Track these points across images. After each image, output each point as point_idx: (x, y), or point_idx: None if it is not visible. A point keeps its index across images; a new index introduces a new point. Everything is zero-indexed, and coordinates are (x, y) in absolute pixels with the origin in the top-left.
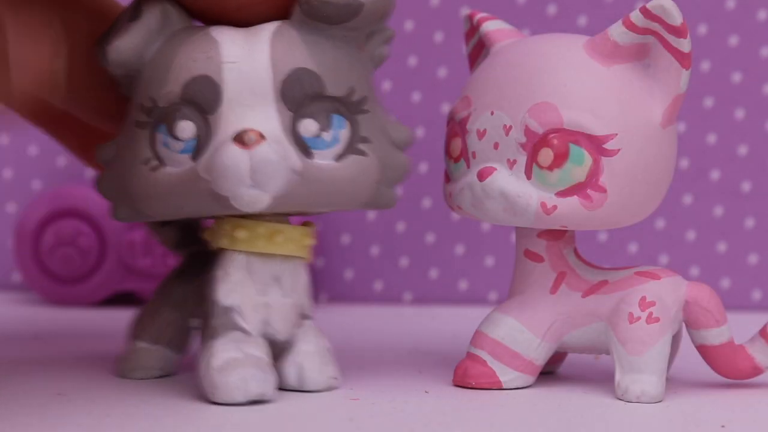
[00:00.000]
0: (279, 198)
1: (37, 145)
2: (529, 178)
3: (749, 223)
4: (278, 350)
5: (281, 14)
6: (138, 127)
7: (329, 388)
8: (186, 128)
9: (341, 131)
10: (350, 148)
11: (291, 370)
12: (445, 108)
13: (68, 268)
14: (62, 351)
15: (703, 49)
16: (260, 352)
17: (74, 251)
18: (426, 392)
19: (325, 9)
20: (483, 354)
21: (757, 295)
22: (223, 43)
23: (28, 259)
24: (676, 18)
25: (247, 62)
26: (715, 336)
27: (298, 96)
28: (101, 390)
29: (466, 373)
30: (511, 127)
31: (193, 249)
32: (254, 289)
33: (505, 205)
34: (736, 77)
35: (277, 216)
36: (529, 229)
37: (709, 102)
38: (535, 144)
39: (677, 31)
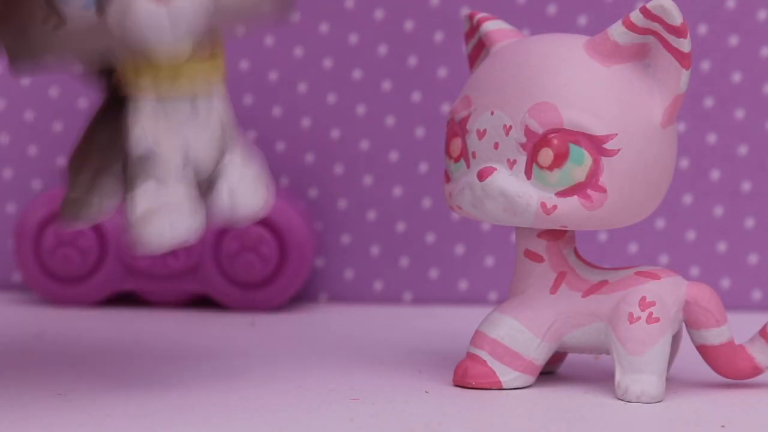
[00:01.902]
0: (197, 36)
1: (37, 145)
2: (529, 178)
3: (749, 223)
4: (206, 185)
5: None
6: None
7: (261, 209)
8: None
9: None
10: None
11: (220, 200)
12: (445, 108)
13: (68, 268)
14: (62, 351)
15: (703, 49)
16: (181, 193)
17: (74, 251)
18: (426, 392)
19: None
20: (483, 354)
21: (757, 295)
22: None
23: (28, 259)
24: (676, 18)
25: None
26: (715, 336)
27: None
28: (101, 390)
29: (466, 373)
30: (511, 127)
31: (112, 84)
32: (169, 129)
33: (505, 205)
34: (736, 77)
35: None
36: (529, 229)
37: (709, 102)
38: (535, 144)
39: (677, 31)
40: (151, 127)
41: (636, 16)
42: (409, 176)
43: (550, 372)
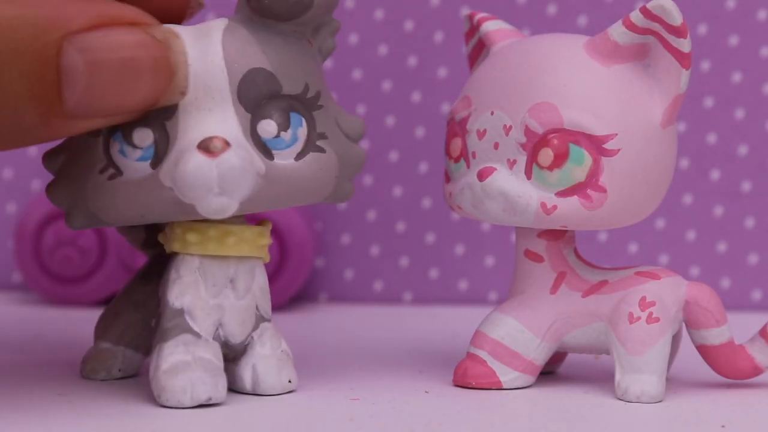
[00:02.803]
0: (245, 203)
1: (37, 145)
2: (529, 178)
3: (749, 223)
4: (234, 354)
5: None
6: (90, 134)
7: (284, 392)
8: (144, 136)
9: (299, 129)
10: (309, 146)
11: (246, 374)
12: (445, 108)
13: (68, 268)
14: (62, 351)
15: (703, 49)
16: (211, 355)
17: (74, 251)
18: (426, 392)
19: (275, 6)
20: (483, 354)
21: (757, 295)
22: None
23: (28, 259)
24: (676, 18)
25: (200, 64)
26: (715, 336)
27: (256, 97)
28: (101, 390)
29: (466, 373)
30: (511, 127)
31: (159, 249)
32: (206, 291)
33: (505, 205)
34: (736, 77)
35: (231, 217)
36: (529, 229)
37: (709, 102)
38: (535, 144)
39: (677, 31)
40: (191, 284)
41: (636, 16)
42: (409, 176)
43: (550, 372)
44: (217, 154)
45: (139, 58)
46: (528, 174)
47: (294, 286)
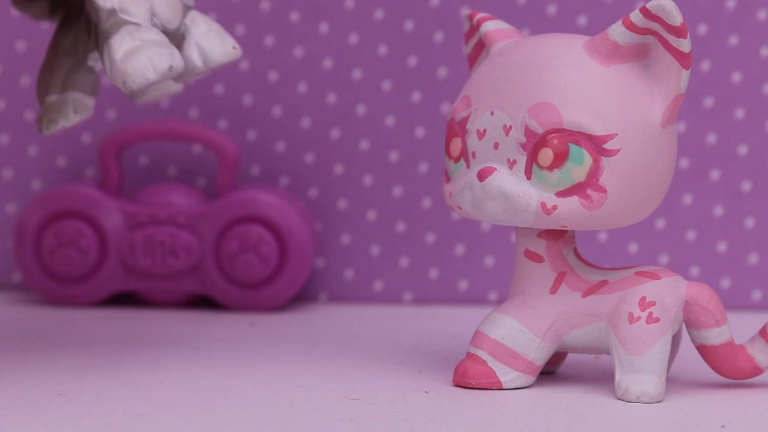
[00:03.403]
0: None
1: (37, 145)
2: (529, 178)
3: (749, 223)
4: (175, 42)
5: None
6: None
7: (232, 58)
8: None
9: None
10: None
11: (192, 51)
12: (445, 108)
13: (68, 268)
14: (62, 351)
15: (703, 49)
16: (155, 35)
17: (74, 251)
18: (426, 392)
19: None
20: (483, 354)
21: (757, 295)
22: None
23: (28, 259)
24: (676, 18)
25: None
26: (715, 336)
27: None
28: (101, 390)
29: (466, 373)
30: (511, 127)
31: (66, 10)
32: None
33: (505, 205)
34: (736, 77)
35: None
36: (529, 229)
37: (709, 102)
38: (535, 144)
39: (677, 31)
40: None
41: (636, 16)
42: (409, 176)
43: (550, 372)
44: None
45: None
46: (528, 174)
47: (294, 286)
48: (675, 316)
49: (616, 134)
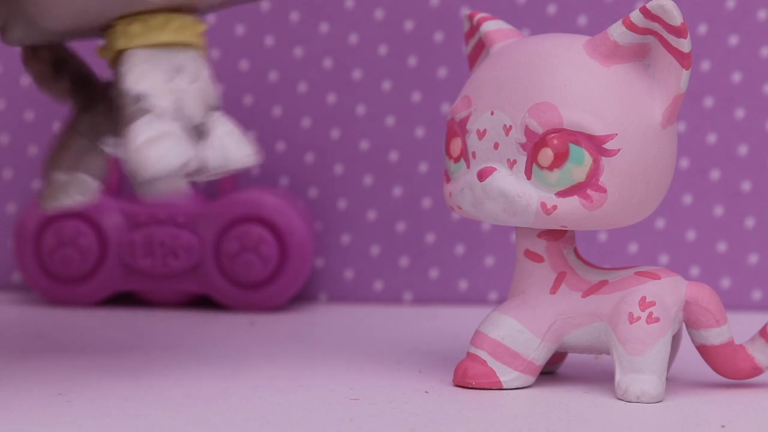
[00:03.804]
0: None
1: (37, 145)
2: (529, 178)
3: (749, 223)
4: (195, 136)
5: None
6: None
7: (247, 165)
8: None
9: None
10: None
11: (210, 151)
12: (445, 108)
13: (68, 268)
14: (62, 351)
15: (703, 49)
16: (178, 128)
17: (74, 251)
18: (426, 392)
19: None
20: (483, 354)
21: (757, 295)
22: None
23: (28, 259)
24: (676, 18)
25: None
26: (715, 336)
27: None
28: (101, 390)
29: (466, 373)
30: (511, 127)
31: (84, 95)
32: (161, 76)
33: (505, 205)
34: (736, 77)
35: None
36: (529, 229)
37: (709, 102)
38: (535, 144)
39: (677, 31)
40: (144, 70)
41: (636, 16)
42: (409, 176)
43: (550, 372)
44: None
45: None
46: (528, 174)
47: (294, 286)
48: (675, 316)
49: (616, 134)
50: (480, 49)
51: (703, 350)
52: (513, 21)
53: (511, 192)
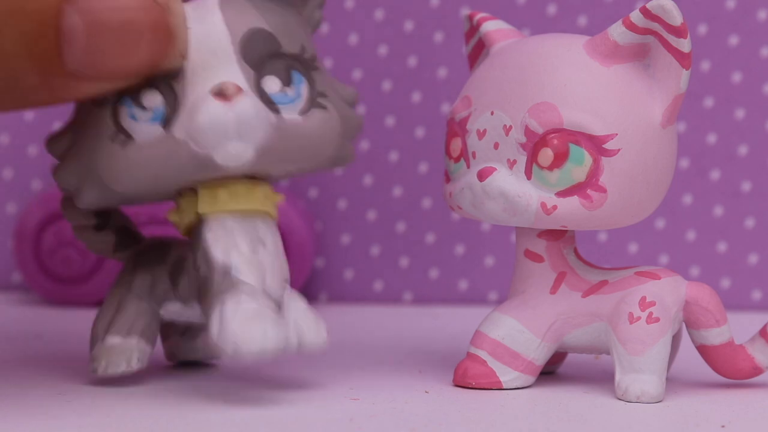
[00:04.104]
0: (260, 151)
1: (37, 145)
2: (529, 178)
3: (749, 223)
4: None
5: None
6: (96, 105)
7: (320, 349)
8: (153, 98)
9: (302, 86)
10: (312, 102)
11: (290, 329)
12: (445, 108)
13: (68, 268)
14: (62, 351)
15: (703, 49)
16: (271, 305)
17: (75, 251)
18: (426, 392)
19: None
20: (483, 354)
21: (757, 295)
22: None
23: (28, 259)
24: (676, 18)
25: (202, 29)
26: (715, 336)
27: (258, 54)
28: (101, 390)
29: (466, 373)
30: (511, 127)
31: (133, 249)
32: (247, 247)
33: (505, 205)
34: (736, 77)
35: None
36: (529, 229)
37: (709, 102)
38: (535, 144)
39: (677, 31)
40: (232, 242)
41: (636, 16)
42: (409, 176)
43: (550, 372)
44: (231, 97)
45: (139, 20)
46: (528, 174)
47: (294, 286)
48: (675, 316)
49: (616, 134)
50: (480, 49)
51: (703, 350)
52: (513, 21)
53: (511, 192)
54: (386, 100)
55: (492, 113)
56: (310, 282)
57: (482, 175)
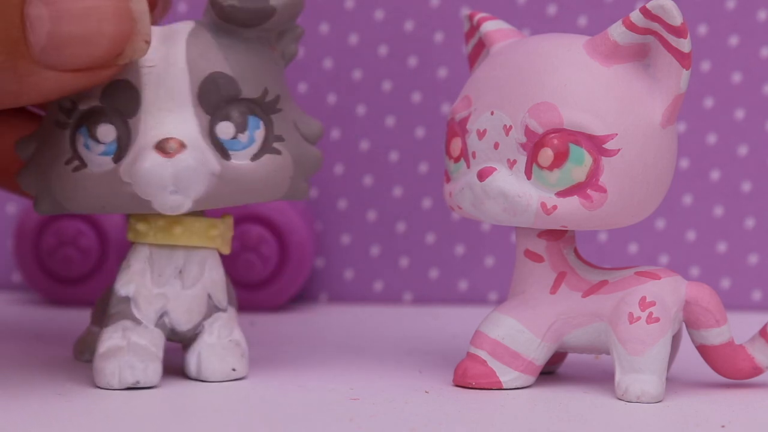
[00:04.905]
0: (199, 201)
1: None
2: (529, 178)
3: (749, 223)
4: (185, 341)
5: None
6: (58, 126)
7: (227, 379)
8: (107, 132)
9: (257, 132)
10: (265, 148)
11: (192, 360)
12: (445, 108)
13: (69, 268)
14: (62, 351)
15: (703, 49)
16: (146, 341)
17: (74, 251)
18: (426, 392)
19: (237, 14)
20: (483, 354)
21: (757, 295)
22: None
23: (28, 259)
24: (676, 18)
25: (164, 66)
26: (715, 336)
27: (215, 100)
28: (101, 390)
29: (466, 373)
30: (511, 127)
31: None
32: (152, 280)
33: (505, 205)
34: (736, 77)
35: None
36: (529, 229)
37: (709, 102)
38: (535, 144)
39: (677, 31)
40: (138, 272)
41: (636, 16)
42: (409, 176)
43: (550, 372)
44: (172, 154)
45: (102, 7)
46: (528, 174)
47: (294, 286)
48: (675, 316)
49: (616, 134)
50: (480, 49)
51: (703, 350)
52: (513, 21)
53: (511, 192)
54: (386, 100)
55: (492, 113)
56: (310, 282)
57: (482, 175)
